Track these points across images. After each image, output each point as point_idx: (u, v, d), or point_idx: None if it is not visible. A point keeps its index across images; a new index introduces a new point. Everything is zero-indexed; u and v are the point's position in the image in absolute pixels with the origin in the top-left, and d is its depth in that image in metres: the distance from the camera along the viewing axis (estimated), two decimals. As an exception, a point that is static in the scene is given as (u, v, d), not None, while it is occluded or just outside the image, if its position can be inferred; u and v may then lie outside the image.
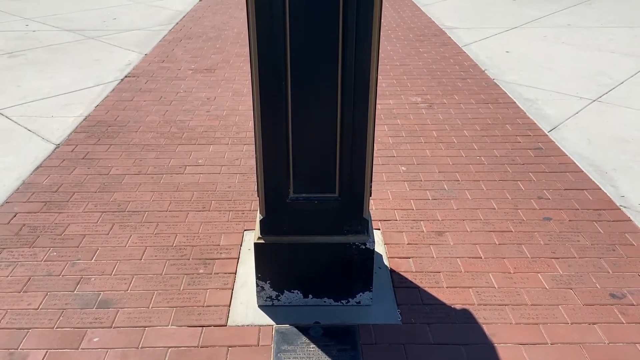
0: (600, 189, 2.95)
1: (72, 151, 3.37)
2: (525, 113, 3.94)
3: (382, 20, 1.91)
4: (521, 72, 4.77)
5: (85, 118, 3.85)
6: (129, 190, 2.95)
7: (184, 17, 6.83)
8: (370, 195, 2.16)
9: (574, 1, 7.45)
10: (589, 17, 6.60)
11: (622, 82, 4.46)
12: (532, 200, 2.86)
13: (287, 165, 2.10)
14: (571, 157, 3.29)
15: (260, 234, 2.11)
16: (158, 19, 6.66)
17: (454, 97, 4.28)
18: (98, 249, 2.48)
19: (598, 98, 4.16)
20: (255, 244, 2.10)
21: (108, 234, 2.58)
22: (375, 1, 1.78)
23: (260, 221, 2.10)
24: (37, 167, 3.17)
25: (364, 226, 2.11)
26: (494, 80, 4.59)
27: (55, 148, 3.41)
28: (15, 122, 3.78)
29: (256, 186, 2.21)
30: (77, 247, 2.48)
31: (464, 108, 4.05)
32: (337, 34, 1.88)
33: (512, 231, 2.61)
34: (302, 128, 2.09)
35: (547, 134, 3.61)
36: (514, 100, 4.18)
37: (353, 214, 2.12)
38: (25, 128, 3.70)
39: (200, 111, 4.02)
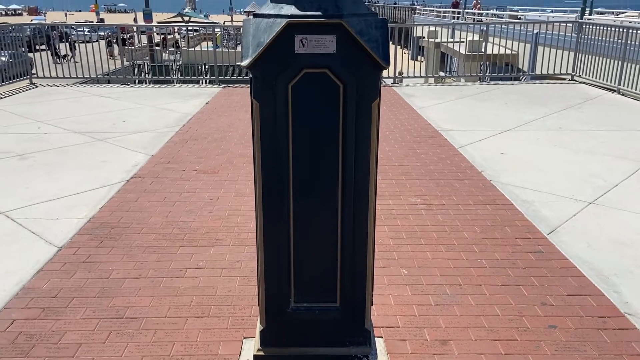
0: (604, 295, 2.93)
1: (74, 254, 3.38)
2: (523, 215, 3.99)
3: (380, 123, 2.02)
4: (517, 173, 4.90)
5: (89, 220, 3.90)
6: (129, 295, 2.93)
7: (190, 119, 7.12)
8: (372, 305, 2.15)
9: (563, 105, 7.80)
10: (578, 121, 6.89)
11: (616, 185, 4.57)
12: (535, 306, 2.83)
13: (289, 275, 2.11)
14: (572, 261, 3.29)
15: (261, 345, 2.07)
16: (166, 122, 6.94)
17: (453, 198, 4.36)
18: (93, 359, 2.41)
19: (594, 200, 4.24)
20: (255, 356, 2.06)
21: (105, 343, 2.52)
22: (373, 125, 1.89)
23: (261, 332, 2.07)
24: (38, 271, 3.17)
25: (365, 337, 2.08)
26: (491, 182, 4.70)
27: (58, 251, 3.43)
28: (21, 225, 3.83)
29: (257, 293, 2.20)
30: (73, 357, 2.42)
31: (463, 209, 4.12)
32: (337, 154, 1.97)
33: (517, 340, 2.55)
34: (304, 236, 2.12)
35: (547, 236, 3.64)
36: (512, 201, 4.26)
37: (354, 324, 2.10)
38: (30, 230, 3.74)
39: (203, 212, 4.08)
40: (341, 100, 1.92)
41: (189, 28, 22.84)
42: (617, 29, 9.13)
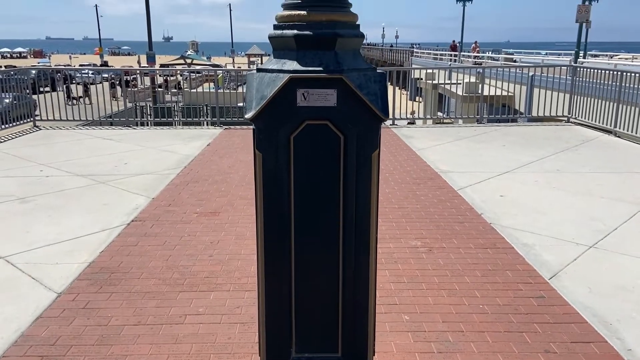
0: (607, 342, 2.90)
1: (73, 300, 3.36)
2: (524, 259, 3.99)
3: (380, 166, 2.05)
4: (516, 216, 4.92)
5: (89, 265, 3.89)
6: (127, 342, 2.90)
7: (192, 161, 7.19)
8: (374, 354, 2.13)
9: (561, 147, 7.90)
10: (576, 163, 6.95)
11: (616, 228, 4.58)
12: (539, 354, 2.80)
13: (290, 324, 2.10)
14: (574, 307, 3.27)
15: (261, 397, 2.05)
16: (167, 164, 7.01)
17: (453, 241, 4.36)
18: (91, 410, 2.37)
19: (594, 244, 4.25)
20: (256, 409, 2.03)
21: (102, 393, 2.48)
22: (373, 175, 1.93)
23: (262, 383, 2.05)
24: (37, 318, 3.14)
25: (368, 388, 2.06)
26: (491, 225, 4.71)
27: (57, 297, 3.41)
28: (20, 270, 3.82)
29: (257, 341, 2.19)
30: (69, 408, 2.38)
31: (464, 253, 4.11)
32: (338, 204, 2.00)
33: (521, 389, 2.52)
34: (306, 285, 2.13)
35: (548, 281, 3.63)
36: (512, 245, 4.26)
37: (356, 375, 2.08)
38: (29, 276, 3.72)
39: (203, 256, 4.07)
40: (342, 151, 1.96)
41: (191, 70, 23.31)
42: (611, 72, 9.33)
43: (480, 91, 11.15)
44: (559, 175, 6.36)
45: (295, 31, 1.88)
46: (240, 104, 14.08)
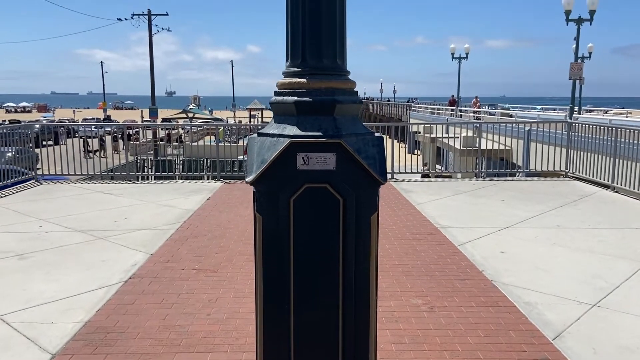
0: (615, 407, 2.82)
1: (67, 362, 3.29)
2: (527, 318, 3.93)
3: (379, 220, 2.06)
4: (518, 273, 4.88)
5: (85, 324, 3.83)
6: (121, 407, 2.82)
7: (191, 215, 7.19)
8: (375, 423, 2.07)
9: (560, 202, 7.93)
10: (575, 218, 6.96)
11: (618, 286, 4.54)
12: (545, 420, 2.71)
13: (289, 391, 2.06)
14: (579, 369, 3.20)
15: None
16: (167, 218, 7.01)
17: (454, 299, 4.31)
18: None
19: (597, 303, 4.19)
20: None
21: None
22: (373, 237, 1.94)
23: None
24: (29, 381, 3.07)
25: None
26: (492, 282, 4.67)
27: (51, 358, 3.34)
28: (15, 329, 3.75)
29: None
30: None
31: (465, 312, 4.06)
32: (337, 265, 2.00)
33: None
34: (305, 347, 2.10)
35: (552, 342, 3.56)
36: (514, 303, 4.20)
37: None
38: (24, 336, 3.66)
39: (200, 314, 4.01)
40: (341, 214, 1.98)
41: (193, 125, 23.70)
42: (606, 128, 9.49)
43: (477, 145, 11.30)
44: (559, 231, 6.35)
45: (295, 98, 1.94)
46: (241, 157, 14.26)
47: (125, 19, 34.81)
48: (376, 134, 2.05)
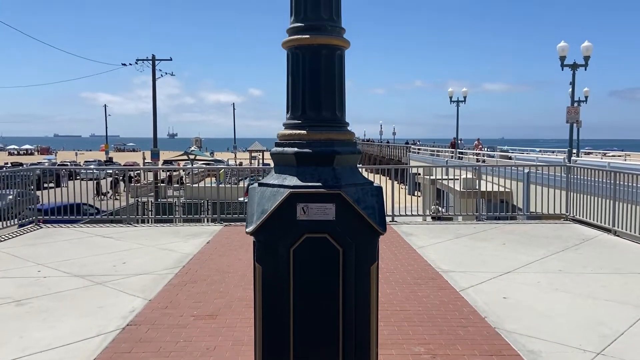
0: None
1: (61, 414, 3.20)
2: (531, 367, 3.85)
3: (379, 263, 2.04)
4: (521, 320, 4.81)
5: (81, 374, 3.75)
6: None
7: (191, 259, 7.14)
8: None
9: (561, 246, 7.88)
10: (577, 263, 6.91)
11: (622, 333, 4.46)
12: None
13: None
14: (587, 422, 3.12)
15: None
16: (166, 263, 6.96)
17: (457, 347, 4.23)
18: None
19: (601, 351, 4.12)
20: None
21: None
22: (372, 287, 1.94)
23: None
24: None
25: None
26: (495, 329, 4.59)
27: (44, 410, 3.26)
28: (9, 380, 3.68)
29: None
30: None
31: (468, 361, 3.98)
32: (337, 314, 1.99)
33: None
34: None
35: (557, 392, 3.48)
36: (519, 352, 4.12)
37: None
38: (18, 386, 3.58)
39: (198, 363, 3.93)
40: (341, 264, 1.98)
41: (194, 167, 23.84)
42: (605, 171, 9.54)
43: (478, 187, 11.34)
44: (562, 275, 6.30)
45: (295, 149, 1.98)
46: (241, 199, 14.26)
47: (130, 64, 35.41)
48: (375, 184, 2.07)
